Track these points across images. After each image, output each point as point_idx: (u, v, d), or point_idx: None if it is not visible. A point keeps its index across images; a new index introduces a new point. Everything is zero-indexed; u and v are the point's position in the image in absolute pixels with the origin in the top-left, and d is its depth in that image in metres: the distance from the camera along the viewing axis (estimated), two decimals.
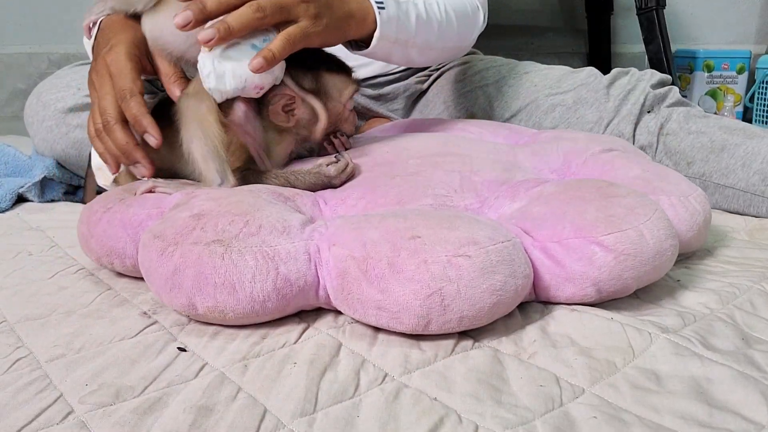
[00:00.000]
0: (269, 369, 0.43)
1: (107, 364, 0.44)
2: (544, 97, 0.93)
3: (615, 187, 0.55)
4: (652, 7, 1.50)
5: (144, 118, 0.62)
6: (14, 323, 0.51)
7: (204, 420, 0.37)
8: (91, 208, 0.60)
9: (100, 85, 0.65)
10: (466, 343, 0.46)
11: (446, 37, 0.82)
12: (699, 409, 0.38)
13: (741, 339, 0.46)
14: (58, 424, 0.37)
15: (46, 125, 0.89)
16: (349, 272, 0.46)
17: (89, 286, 0.58)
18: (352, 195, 0.60)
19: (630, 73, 0.92)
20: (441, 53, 0.85)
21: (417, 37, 0.76)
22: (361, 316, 0.47)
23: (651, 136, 0.87)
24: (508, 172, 0.63)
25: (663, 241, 0.50)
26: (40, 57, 1.54)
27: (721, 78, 1.73)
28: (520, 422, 0.37)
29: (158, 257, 0.48)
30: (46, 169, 0.89)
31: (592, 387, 0.40)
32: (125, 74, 0.63)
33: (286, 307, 0.49)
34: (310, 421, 0.37)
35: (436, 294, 0.44)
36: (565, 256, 0.49)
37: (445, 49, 0.85)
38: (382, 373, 0.42)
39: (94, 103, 0.66)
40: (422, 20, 0.76)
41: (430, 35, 0.78)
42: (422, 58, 0.82)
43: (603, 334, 0.46)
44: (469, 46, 0.94)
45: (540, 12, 1.81)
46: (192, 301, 0.47)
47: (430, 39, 0.79)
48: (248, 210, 0.51)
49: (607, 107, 0.89)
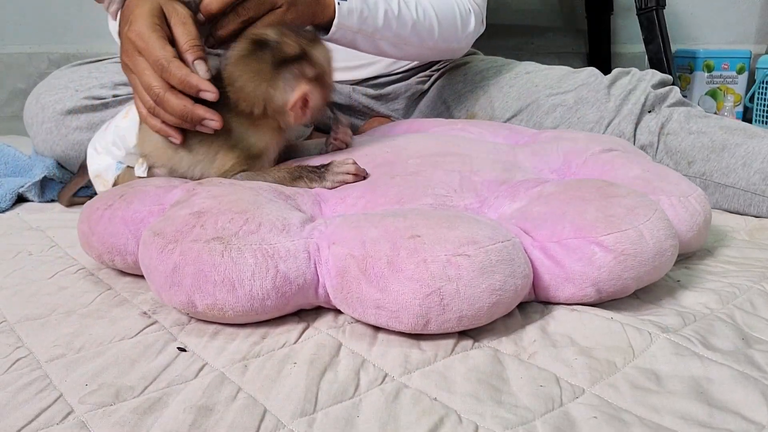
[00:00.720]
0: (269, 369, 0.43)
1: (107, 364, 0.44)
2: (545, 97, 0.93)
3: (615, 187, 0.55)
4: (652, 7, 1.50)
5: (191, 77, 0.62)
6: (14, 323, 0.51)
7: (204, 420, 0.37)
8: (92, 206, 0.60)
9: (134, 64, 0.64)
10: (466, 343, 0.46)
11: (424, 35, 0.87)
12: (699, 409, 0.38)
13: (741, 339, 0.46)
14: (58, 424, 0.37)
15: (45, 127, 0.89)
16: (349, 271, 0.46)
17: (89, 286, 0.58)
18: (352, 194, 0.61)
19: (631, 74, 0.92)
20: (421, 50, 0.89)
21: (385, 31, 0.81)
22: (360, 315, 0.47)
23: (652, 135, 0.87)
24: (508, 172, 0.63)
25: (663, 242, 0.50)
26: (40, 57, 1.54)
27: (721, 78, 1.73)
28: (520, 422, 0.37)
29: (158, 255, 0.49)
30: (47, 169, 0.89)
31: (592, 387, 0.40)
32: (153, 44, 0.62)
33: (286, 306, 0.49)
34: (310, 421, 0.37)
35: (436, 293, 0.44)
36: (565, 256, 0.49)
37: (426, 47, 0.89)
38: (382, 373, 0.42)
39: (135, 85, 0.65)
40: (392, 15, 0.81)
41: (403, 30, 0.83)
42: (398, 52, 0.87)
43: (603, 333, 0.46)
44: (462, 48, 0.96)
45: (540, 12, 1.81)
46: (191, 299, 0.47)
47: (403, 34, 0.84)
48: (248, 208, 0.51)
49: (608, 107, 0.89)
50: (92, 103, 0.89)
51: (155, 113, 0.64)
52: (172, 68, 0.61)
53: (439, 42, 0.89)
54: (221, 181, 0.60)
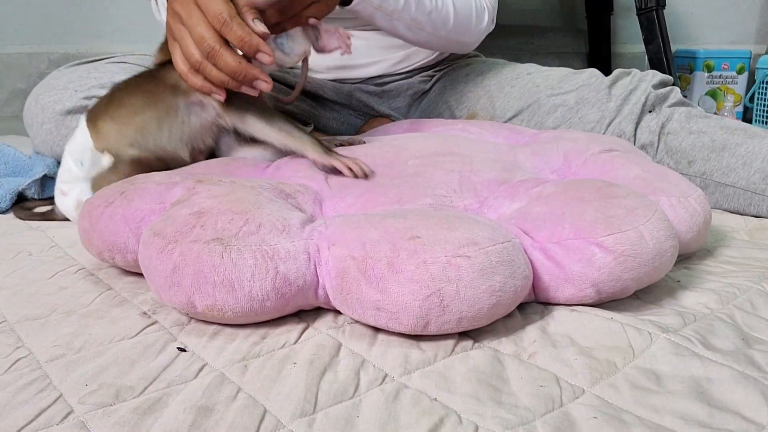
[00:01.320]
0: (269, 369, 0.43)
1: (107, 364, 0.44)
2: (546, 97, 0.94)
3: (615, 188, 0.55)
4: (652, 7, 1.50)
5: (253, 37, 0.61)
6: (14, 323, 0.51)
7: (204, 420, 0.37)
8: (93, 203, 0.60)
9: (188, 15, 0.62)
10: (466, 343, 0.46)
11: (439, 24, 0.90)
12: (699, 409, 0.38)
13: (741, 339, 0.46)
14: (57, 425, 0.37)
15: (45, 128, 0.89)
16: (349, 272, 0.46)
17: (89, 286, 0.58)
18: (352, 193, 0.60)
19: (632, 74, 0.93)
20: (433, 38, 0.92)
21: (404, 12, 0.84)
22: (360, 316, 0.47)
23: (652, 135, 0.87)
24: (507, 172, 0.63)
25: (663, 242, 0.50)
26: (40, 57, 1.54)
27: (721, 78, 1.73)
28: (520, 422, 0.37)
29: (158, 255, 0.48)
30: (47, 168, 0.89)
31: (592, 387, 0.40)
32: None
33: (285, 307, 0.49)
34: (310, 422, 0.37)
35: (435, 295, 0.44)
36: (565, 257, 0.49)
37: (438, 36, 0.92)
38: (382, 373, 0.42)
39: (181, 38, 0.63)
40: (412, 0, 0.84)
41: (420, 15, 0.86)
42: (411, 35, 0.90)
43: (603, 334, 0.46)
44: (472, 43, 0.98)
45: (540, 12, 1.81)
46: (191, 300, 0.47)
47: (420, 19, 0.87)
48: (248, 208, 0.51)
49: (609, 107, 0.89)
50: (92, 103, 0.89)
51: (200, 68, 0.63)
52: (234, 24, 0.60)
53: (451, 33, 0.92)
54: (221, 179, 0.60)
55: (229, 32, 0.61)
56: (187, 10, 0.62)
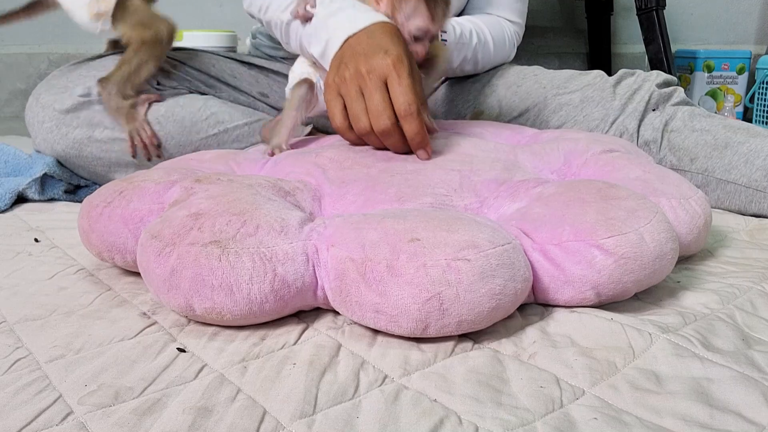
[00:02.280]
0: (268, 370, 0.43)
1: (106, 364, 0.44)
2: (551, 96, 0.96)
3: (615, 189, 0.55)
4: (652, 8, 1.50)
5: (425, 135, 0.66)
6: (14, 323, 0.50)
7: (203, 421, 0.37)
8: (91, 203, 0.60)
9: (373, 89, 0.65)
10: (466, 344, 0.46)
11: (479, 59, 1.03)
12: (699, 410, 0.38)
13: (741, 339, 0.46)
14: (57, 425, 0.37)
15: (46, 126, 0.89)
16: (348, 274, 0.46)
17: (89, 286, 0.58)
18: (352, 191, 0.60)
19: (636, 74, 0.95)
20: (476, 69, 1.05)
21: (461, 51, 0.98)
22: (359, 318, 0.47)
23: (655, 132, 0.88)
24: (508, 172, 0.63)
25: (663, 245, 0.50)
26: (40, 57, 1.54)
27: (721, 78, 1.73)
28: (520, 423, 0.37)
29: (156, 258, 0.48)
30: (47, 166, 0.89)
31: (592, 388, 0.40)
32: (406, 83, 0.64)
33: (284, 309, 0.49)
34: (310, 423, 0.37)
35: (435, 298, 0.44)
36: (565, 259, 0.49)
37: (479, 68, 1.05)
38: (382, 374, 0.42)
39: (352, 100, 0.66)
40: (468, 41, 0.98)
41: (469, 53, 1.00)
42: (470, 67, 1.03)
43: (603, 334, 0.46)
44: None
45: (540, 12, 1.81)
46: (189, 302, 0.47)
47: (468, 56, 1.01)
48: (246, 209, 0.51)
49: (613, 105, 0.91)
50: (91, 101, 0.89)
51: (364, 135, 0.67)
52: (415, 116, 0.64)
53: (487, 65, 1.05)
54: (220, 177, 0.60)
55: (410, 123, 0.64)
56: (371, 84, 0.65)
